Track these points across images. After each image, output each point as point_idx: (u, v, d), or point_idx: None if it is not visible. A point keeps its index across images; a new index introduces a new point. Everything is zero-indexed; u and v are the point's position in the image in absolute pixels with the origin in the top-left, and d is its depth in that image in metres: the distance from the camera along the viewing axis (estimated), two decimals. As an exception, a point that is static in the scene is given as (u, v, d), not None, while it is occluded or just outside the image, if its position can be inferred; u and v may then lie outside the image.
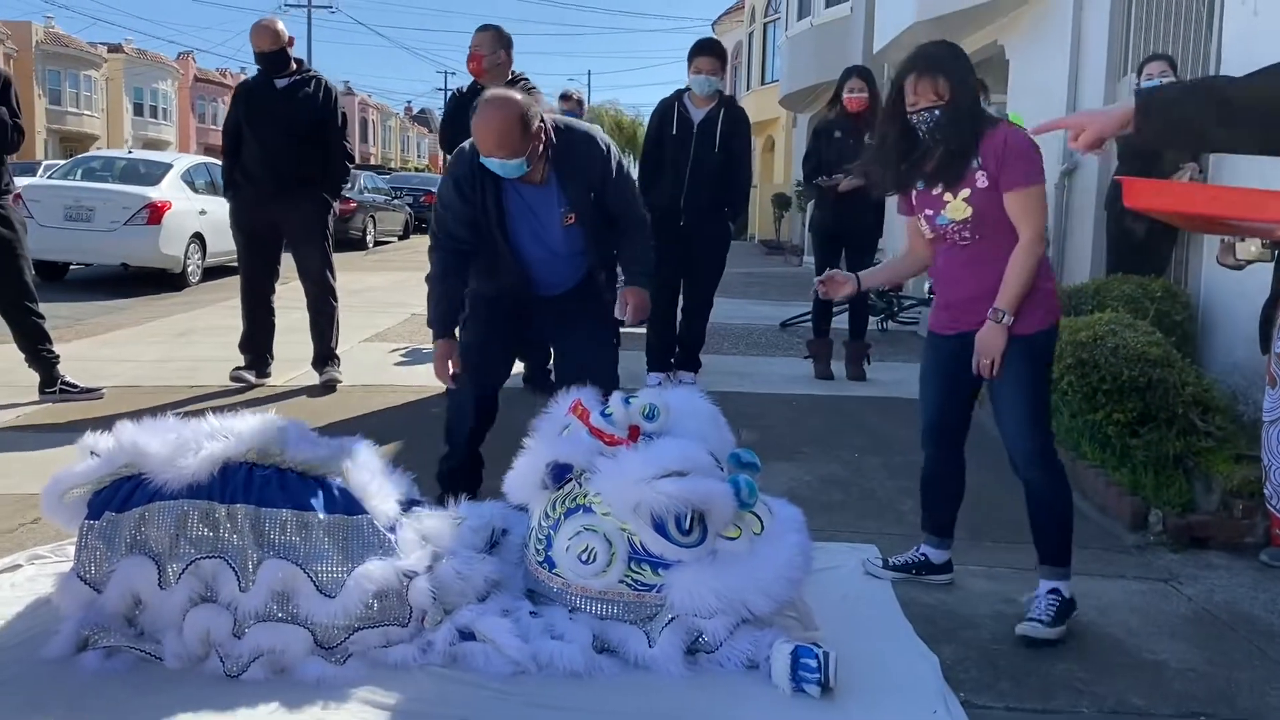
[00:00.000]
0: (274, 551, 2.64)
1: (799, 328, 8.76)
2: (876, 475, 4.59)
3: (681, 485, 2.70)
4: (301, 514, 2.68)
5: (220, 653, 2.58)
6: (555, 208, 3.64)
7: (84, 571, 2.68)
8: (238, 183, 6.00)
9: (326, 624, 2.61)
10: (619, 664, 2.71)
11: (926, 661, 2.81)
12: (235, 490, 2.67)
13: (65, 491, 2.76)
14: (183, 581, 2.62)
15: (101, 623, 2.64)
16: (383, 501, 2.80)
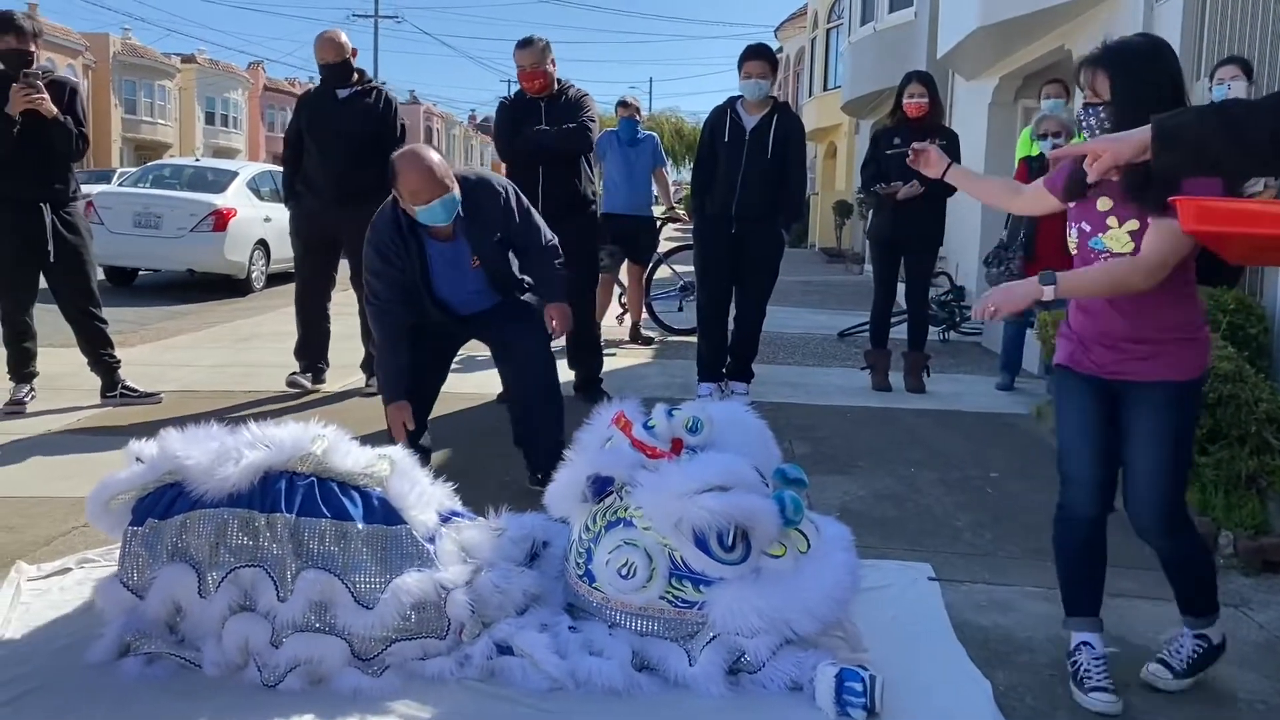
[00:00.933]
0: (312, 561, 2.63)
1: (857, 337, 8.62)
2: (933, 491, 4.48)
3: (724, 501, 2.63)
4: (340, 524, 2.66)
5: (258, 662, 2.57)
6: (465, 255, 4.04)
7: (126, 577, 2.69)
8: (299, 192, 6.05)
9: (363, 635, 2.59)
10: (658, 682, 2.65)
11: (978, 687, 2.71)
12: (275, 499, 2.66)
13: (110, 498, 2.78)
14: (222, 590, 2.61)
15: (143, 629, 2.64)
16: (422, 512, 2.77)
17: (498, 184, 4.09)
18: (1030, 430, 5.64)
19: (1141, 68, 2.54)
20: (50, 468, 4.42)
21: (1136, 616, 3.23)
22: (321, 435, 2.81)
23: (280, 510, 2.64)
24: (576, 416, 5.44)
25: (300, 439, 2.76)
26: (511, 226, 4.08)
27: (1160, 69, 2.54)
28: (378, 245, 3.93)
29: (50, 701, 2.46)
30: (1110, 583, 3.48)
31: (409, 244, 3.91)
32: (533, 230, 4.17)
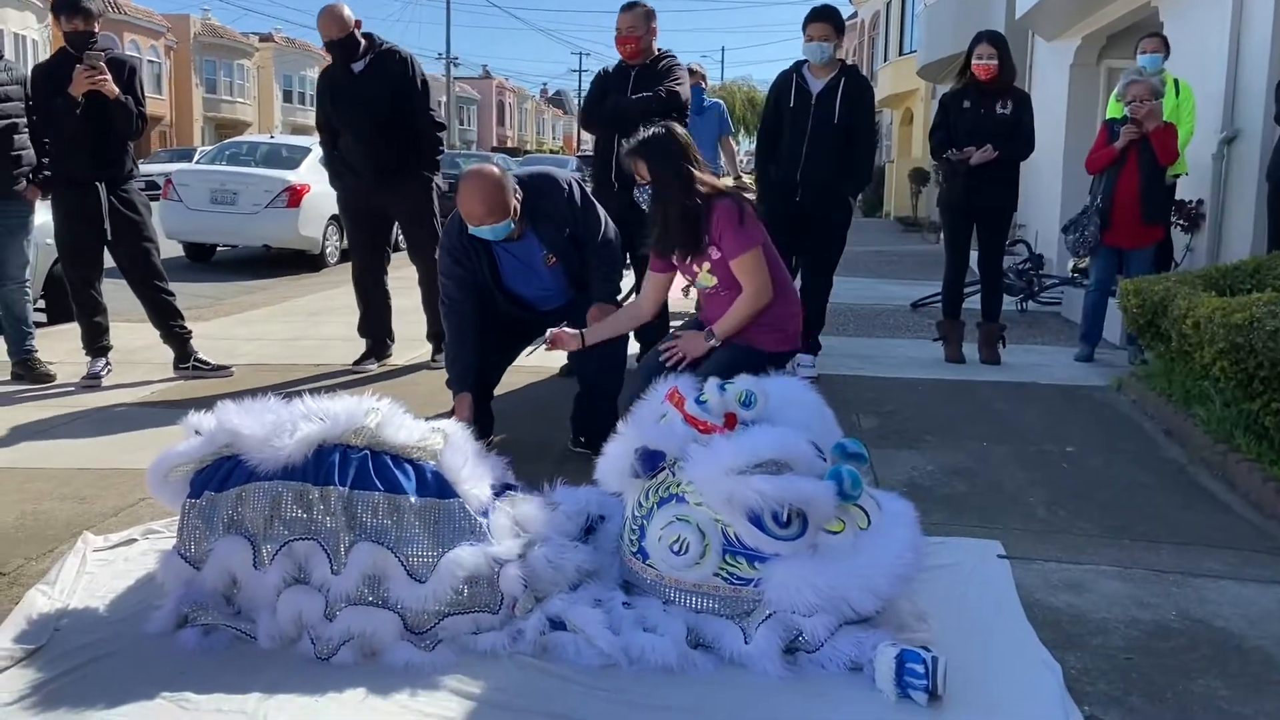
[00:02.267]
0: (366, 534, 2.62)
1: (931, 308, 8.42)
2: (1005, 466, 4.33)
3: (776, 485, 2.56)
4: (393, 497, 2.65)
5: (311, 635, 2.58)
6: (537, 253, 4.15)
7: (184, 549, 2.71)
8: (340, 172, 5.99)
9: (416, 609, 2.57)
10: (713, 660, 2.59)
11: (1048, 670, 2.59)
12: (329, 472, 2.65)
13: (169, 470, 2.80)
14: (276, 562, 2.62)
15: (200, 600, 2.66)
16: (475, 485, 2.74)
17: (561, 180, 4.20)
18: (1110, 402, 5.44)
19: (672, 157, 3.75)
20: (123, 441, 4.50)
21: (1222, 598, 3.08)
22: (375, 409, 2.79)
23: (334, 483, 2.64)
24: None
25: (354, 412, 2.75)
26: (575, 217, 4.16)
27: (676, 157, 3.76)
28: (448, 248, 4.13)
29: (113, 670, 2.49)
30: (1196, 562, 3.35)
31: (476, 246, 4.07)
32: (592, 223, 4.22)
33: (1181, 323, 4.73)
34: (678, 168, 3.72)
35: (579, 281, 4.24)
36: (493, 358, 4.32)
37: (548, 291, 4.24)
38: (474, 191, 3.90)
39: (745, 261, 3.72)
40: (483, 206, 3.89)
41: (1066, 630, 2.87)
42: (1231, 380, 4.21)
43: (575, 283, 4.24)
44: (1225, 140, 7.05)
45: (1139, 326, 5.38)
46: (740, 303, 3.72)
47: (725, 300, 3.79)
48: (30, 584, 2.96)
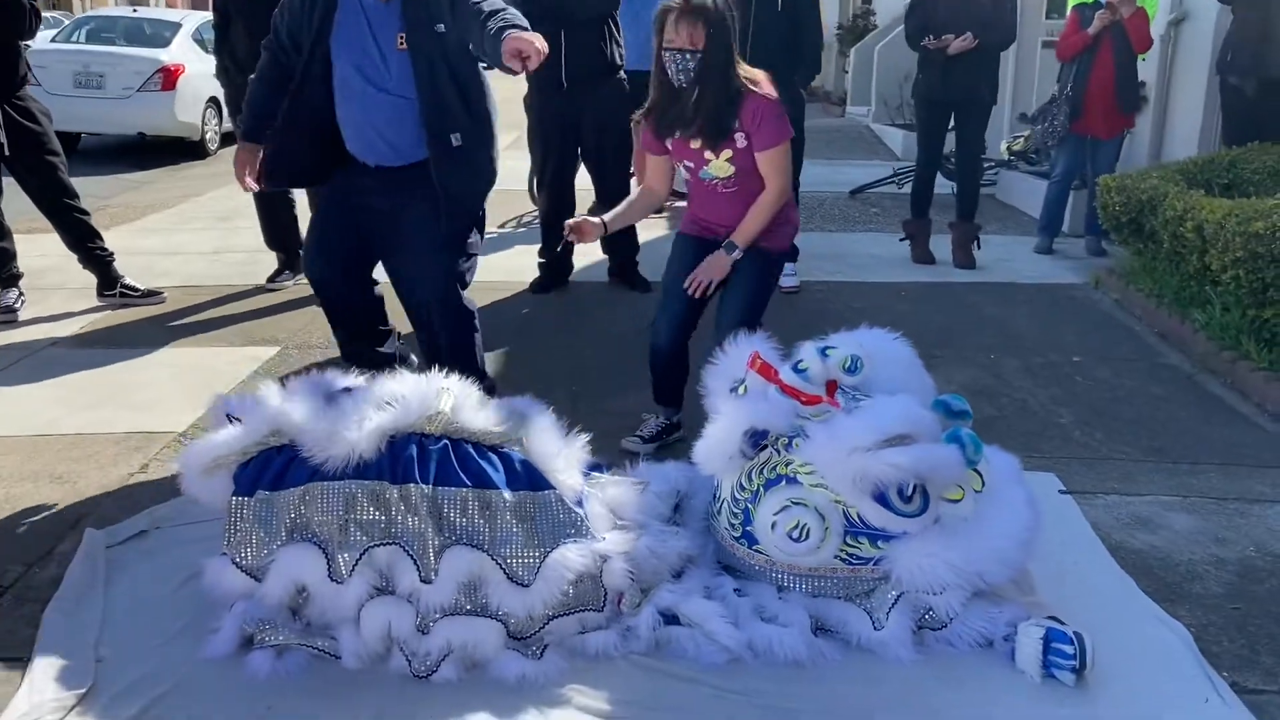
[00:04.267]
0: (456, 536, 2.33)
1: (870, 196, 8.29)
2: (1022, 382, 4.26)
3: (910, 456, 2.37)
4: (483, 492, 2.36)
5: (405, 650, 2.30)
6: (392, 29, 3.24)
7: (239, 557, 2.37)
8: (229, 69, 5.31)
9: (521, 615, 2.32)
10: (838, 647, 2.44)
11: (1172, 633, 2.52)
12: (407, 467, 2.34)
13: (208, 464, 2.43)
14: (357, 573, 2.31)
15: (264, 616, 2.35)
16: (568, 473, 2.47)
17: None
18: (1093, 302, 5.42)
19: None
20: (71, 393, 4.01)
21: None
22: (446, 388, 2.46)
23: (415, 480, 2.33)
24: (615, 305, 5.18)
25: (426, 395, 2.42)
26: (459, 22, 3.20)
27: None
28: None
29: (184, 710, 2.18)
30: (1245, 486, 3.34)
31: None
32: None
33: (1179, 225, 4.68)
34: (730, 45, 3.32)
35: (432, 115, 3.26)
36: (326, 237, 3.51)
37: (379, 92, 3.27)
38: None
39: (775, 156, 3.38)
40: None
41: (1160, 578, 2.81)
42: (1244, 288, 4.19)
43: (425, 111, 3.25)
44: (1173, 22, 6.98)
45: (1120, 224, 5.34)
46: (764, 203, 3.39)
47: (730, 198, 3.44)
48: (38, 599, 2.58)
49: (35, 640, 2.38)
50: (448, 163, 3.28)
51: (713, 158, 3.39)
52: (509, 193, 8.06)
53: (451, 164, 3.28)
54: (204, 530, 2.88)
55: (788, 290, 5.43)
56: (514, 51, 2.90)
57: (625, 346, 4.54)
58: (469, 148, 3.31)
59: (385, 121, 3.30)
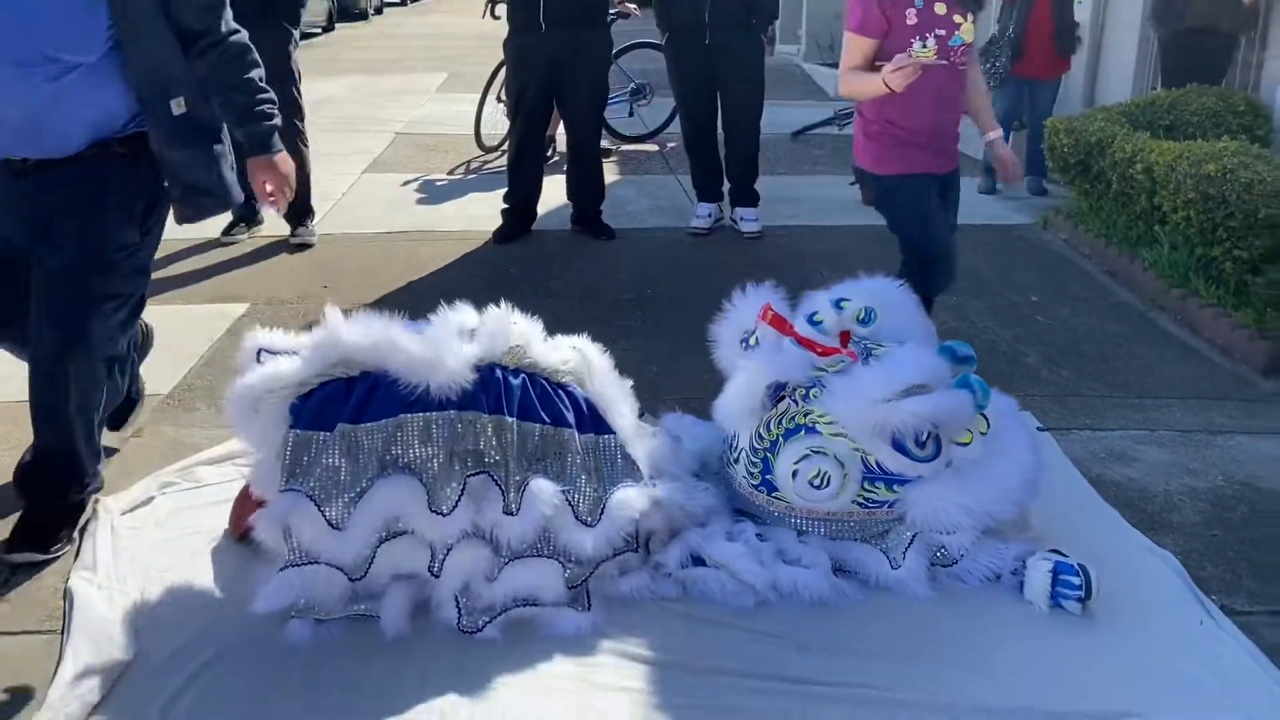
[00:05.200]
0: (533, 471, 2.37)
1: (812, 137, 8.37)
2: (986, 323, 4.41)
3: (928, 404, 2.49)
4: (559, 430, 2.41)
5: (461, 604, 2.33)
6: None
7: (317, 494, 2.28)
8: None
9: (582, 556, 2.37)
10: (856, 586, 2.55)
11: (1162, 562, 2.69)
12: (497, 398, 2.35)
13: (262, 396, 2.35)
14: (461, 504, 2.30)
15: (318, 594, 2.32)
16: (624, 418, 2.53)
17: None
18: (1043, 242, 5.60)
19: None
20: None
21: (1248, 455, 3.27)
22: (515, 322, 2.47)
23: (504, 412, 2.34)
24: (582, 254, 5.19)
25: (503, 322, 2.43)
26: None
27: None
28: None
29: (237, 673, 2.21)
30: (1206, 418, 3.53)
31: None
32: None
33: (1128, 166, 4.86)
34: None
35: (143, 90, 2.50)
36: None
37: (35, 62, 2.37)
38: None
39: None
40: None
41: (1141, 509, 2.99)
42: (1194, 228, 4.38)
43: (137, 89, 2.49)
44: (1108, -36, 7.13)
45: (1068, 165, 5.50)
46: (980, 85, 3.48)
47: (960, 78, 3.31)
48: (59, 570, 2.56)
49: (66, 612, 2.37)
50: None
51: (963, 20, 3.23)
52: (456, 137, 7.99)
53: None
54: (210, 494, 2.90)
55: (750, 236, 5.51)
56: (263, 191, 2.67)
57: (598, 297, 4.58)
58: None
59: (38, 107, 2.42)
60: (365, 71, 12.54)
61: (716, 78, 5.50)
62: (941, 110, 3.32)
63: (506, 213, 5.47)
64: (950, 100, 3.32)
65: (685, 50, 5.50)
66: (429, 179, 6.93)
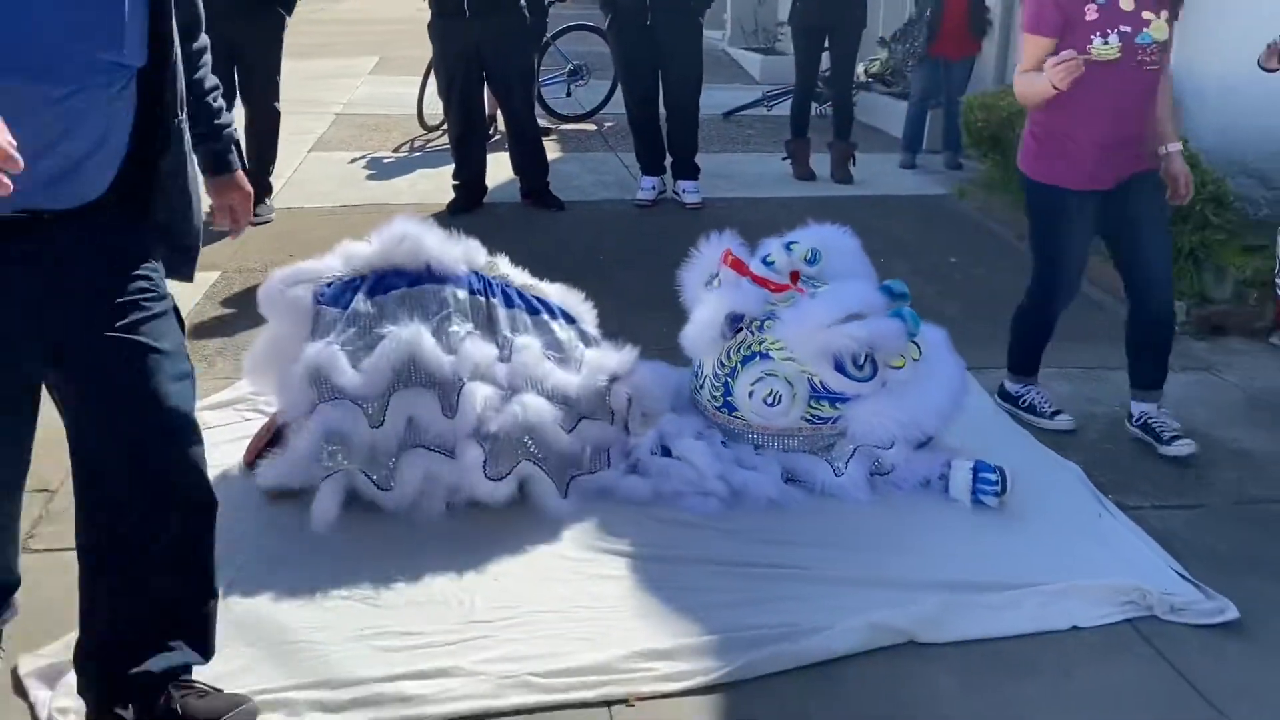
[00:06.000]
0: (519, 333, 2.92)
1: (742, 119, 8.73)
2: (912, 282, 4.70)
3: (865, 327, 2.86)
4: (538, 315, 2.92)
5: (485, 447, 2.68)
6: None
7: (343, 344, 2.71)
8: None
9: (569, 395, 2.79)
10: (804, 492, 2.92)
11: (1067, 470, 3.11)
12: (491, 288, 2.88)
13: (296, 282, 2.82)
14: (469, 338, 2.77)
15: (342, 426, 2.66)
16: (587, 324, 3.04)
17: None
18: (960, 210, 6.06)
19: None
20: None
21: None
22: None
23: (490, 294, 2.88)
24: (534, 224, 5.49)
25: (476, 243, 2.99)
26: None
27: None
28: None
29: (270, 571, 2.50)
30: (1105, 357, 3.96)
31: None
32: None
33: (1035, 139, 5.30)
34: None
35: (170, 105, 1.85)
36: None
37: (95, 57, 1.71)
38: None
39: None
40: None
41: (1051, 431, 3.40)
42: (1094, 193, 4.83)
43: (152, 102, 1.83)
44: (1015, -47, 7.61)
45: (982, 139, 5.95)
46: (1170, 86, 3.11)
47: (1151, 81, 2.98)
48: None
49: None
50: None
51: (1153, 17, 2.93)
52: (396, 117, 8.20)
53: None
54: (215, 436, 3.14)
55: (692, 206, 5.86)
56: (226, 213, 2.22)
57: (553, 262, 4.88)
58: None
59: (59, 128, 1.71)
60: (295, 56, 12.38)
61: (658, 58, 5.83)
62: (1120, 121, 3.00)
63: (458, 188, 5.74)
64: (1132, 110, 2.99)
65: (628, 32, 5.82)
66: (376, 156, 7.15)
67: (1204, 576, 2.57)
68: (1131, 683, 2.24)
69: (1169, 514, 2.93)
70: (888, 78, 8.39)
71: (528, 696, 2.12)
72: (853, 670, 2.25)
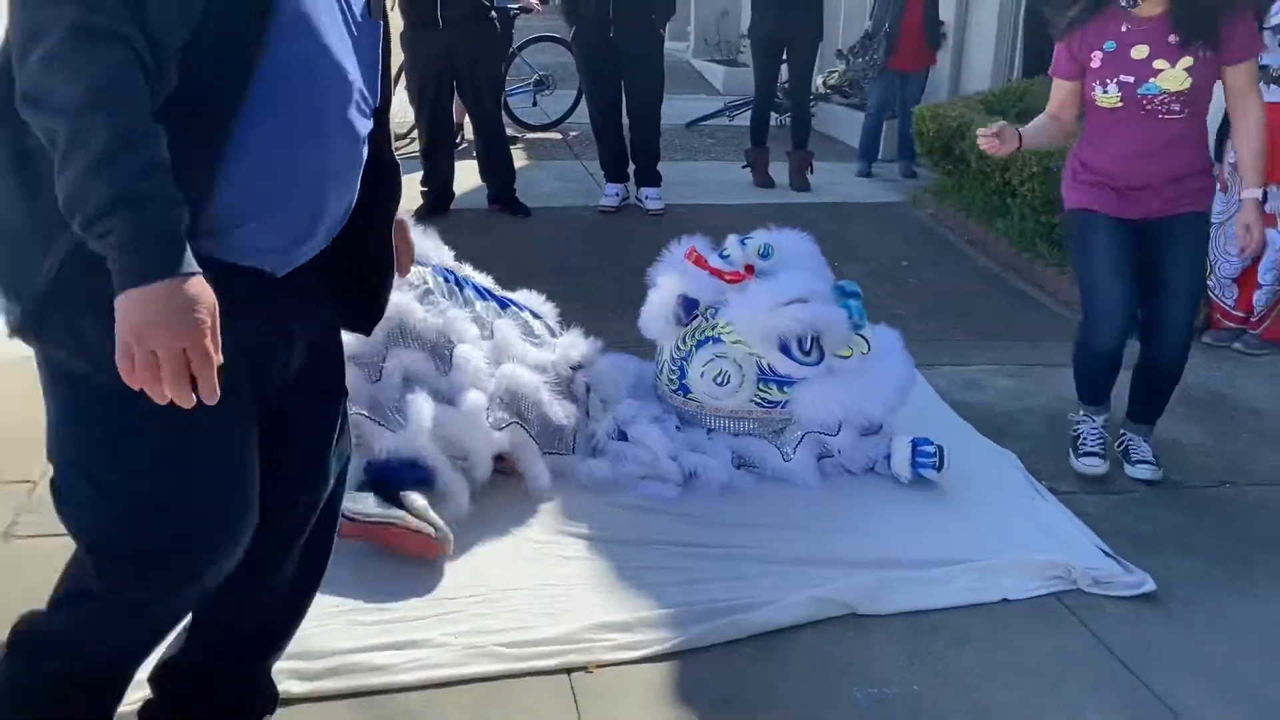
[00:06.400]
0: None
1: (704, 128, 8.91)
2: (864, 283, 4.94)
3: (807, 310, 3.07)
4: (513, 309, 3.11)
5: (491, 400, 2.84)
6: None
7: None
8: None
9: (544, 365, 2.97)
10: (755, 477, 3.09)
11: (1005, 457, 3.30)
12: (468, 285, 3.06)
13: None
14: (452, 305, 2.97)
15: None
16: (551, 321, 3.24)
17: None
18: (913, 217, 6.27)
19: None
20: None
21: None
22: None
23: (469, 286, 3.06)
24: (501, 229, 5.63)
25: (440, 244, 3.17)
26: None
27: None
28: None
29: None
30: (1047, 355, 4.16)
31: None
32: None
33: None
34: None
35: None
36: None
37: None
38: None
39: (1253, 68, 2.97)
40: None
41: (991, 423, 3.59)
42: (1038, 198, 5.06)
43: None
44: (968, -31, 7.86)
45: (934, 148, 6.17)
46: (1256, 128, 2.95)
47: (1176, 130, 2.95)
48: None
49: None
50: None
51: (1166, 66, 2.88)
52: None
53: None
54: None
55: (655, 212, 6.03)
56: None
57: (520, 265, 5.02)
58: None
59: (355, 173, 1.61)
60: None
61: (620, 67, 6.01)
62: (1145, 164, 2.99)
63: (426, 194, 5.88)
64: (1159, 154, 2.98)
65: (591, 42, 5.99)
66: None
67: (1126, 554, 2.75)
68: (1055, 649, 2.42)
69: (1099, 499, 3.11)
70: (845, 89, 8.61)
71: (493, 665, 2.26)
72: (798, 640, 2.41)
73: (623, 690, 2.24)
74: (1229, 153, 4.16)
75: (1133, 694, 2.28)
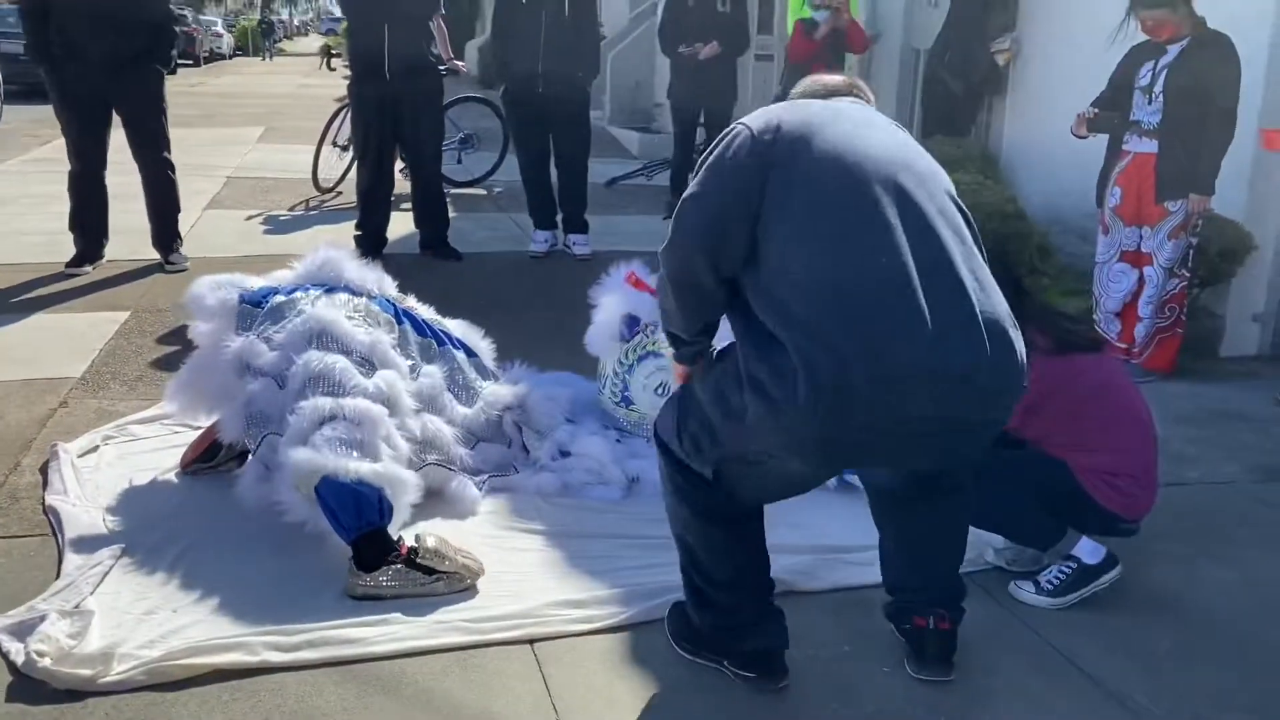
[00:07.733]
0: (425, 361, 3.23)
1: (622, 187, 9.25)
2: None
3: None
4: (442, 348, 3.26)
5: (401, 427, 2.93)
6: None
7: (266, 335, 2.97)
8: (56, 56, 5.28)
9: (463, 423, 3.14)
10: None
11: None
12: (397, 312, 3.18)
13: (215, 289, 3.09)
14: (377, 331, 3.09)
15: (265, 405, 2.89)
16: (486, 358, 3.39)
17: None
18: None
19: None
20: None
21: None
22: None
23: (399, 319, 3.16)
24: (434, 274, 5.80)
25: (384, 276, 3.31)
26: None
27: None
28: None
29: (212, 547, 2.78)
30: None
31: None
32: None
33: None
34: None
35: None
36: None
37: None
38: None
39: None
40: None
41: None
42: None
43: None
44: (872, 38, 8.41)
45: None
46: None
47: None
48: (31, 496, 3.00)
49: (54, 523, 2.83)
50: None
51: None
52: (290, 180, 8.47)
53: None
54: (146, 445, 3.39)
55: (582, 257, 6.29)
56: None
57: (455, 305, 5.20)
58: None
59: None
60: (179, 125, 12.54)
61: (549, 120, 6.30)
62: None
63: (360, 238, 6.04)
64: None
65: (522, 96, 6.28)
66: (272, 214, 7.39)
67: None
68: (969, 618, 2.67)
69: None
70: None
71: (460, 637, 2.43)
72: (740, 614, 2.62)
73: (583, 657, 2.42)
74: (1110, 196, 4.62)
75: (1039, 652, 2.55)
